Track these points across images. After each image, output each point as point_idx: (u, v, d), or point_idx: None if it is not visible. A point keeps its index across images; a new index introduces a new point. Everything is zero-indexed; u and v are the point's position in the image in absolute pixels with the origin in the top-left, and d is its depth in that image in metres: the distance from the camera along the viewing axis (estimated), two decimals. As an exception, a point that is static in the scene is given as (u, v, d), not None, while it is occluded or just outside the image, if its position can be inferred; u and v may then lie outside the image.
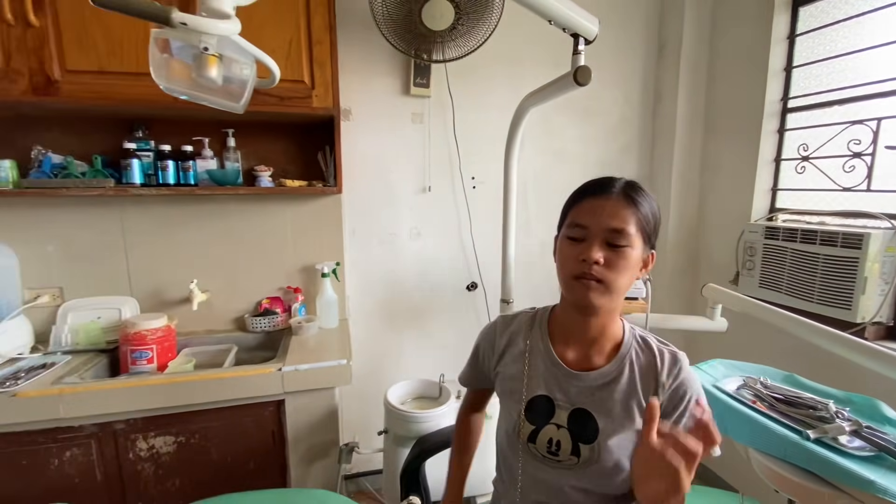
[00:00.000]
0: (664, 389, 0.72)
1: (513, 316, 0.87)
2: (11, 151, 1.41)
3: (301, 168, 1.68)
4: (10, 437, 1.18)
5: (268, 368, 1.31)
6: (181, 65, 0.56)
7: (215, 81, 0.55)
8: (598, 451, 0.71)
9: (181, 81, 0.55)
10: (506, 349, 0.82)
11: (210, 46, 0.52)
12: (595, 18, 0.91)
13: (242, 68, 0.55)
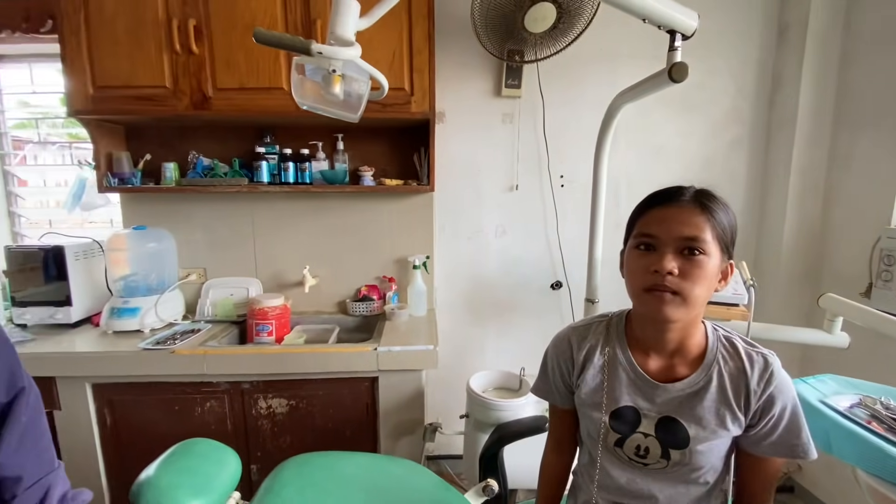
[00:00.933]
0: (755, 396, 0.69)
1: (585, 327, 0.85)
2: (173, 155, 1.75)
3: (398, 168, 1.83)
4: (169, 386, 1.47)
5: (365, 347, 1.46)
6: (312, 84, 0.68)
7: (338, 96, 0.66)
8: (689, 455, 0.71)
9: (312, 97, 0.67)
10: (585, 363, 0.81)
11: (337, 68, 0.63)
12: (694, 13, 0.88)
13: (360, 85, 0.65)
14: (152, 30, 1.44)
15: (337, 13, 0.64)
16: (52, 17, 1.66)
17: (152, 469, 0.87)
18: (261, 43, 0.58)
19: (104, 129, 1.64)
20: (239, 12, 1.44)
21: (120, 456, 1.51)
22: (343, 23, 0.64)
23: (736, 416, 0.70)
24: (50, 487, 0.74)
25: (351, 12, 0.64)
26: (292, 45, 0.58)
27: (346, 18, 0.64)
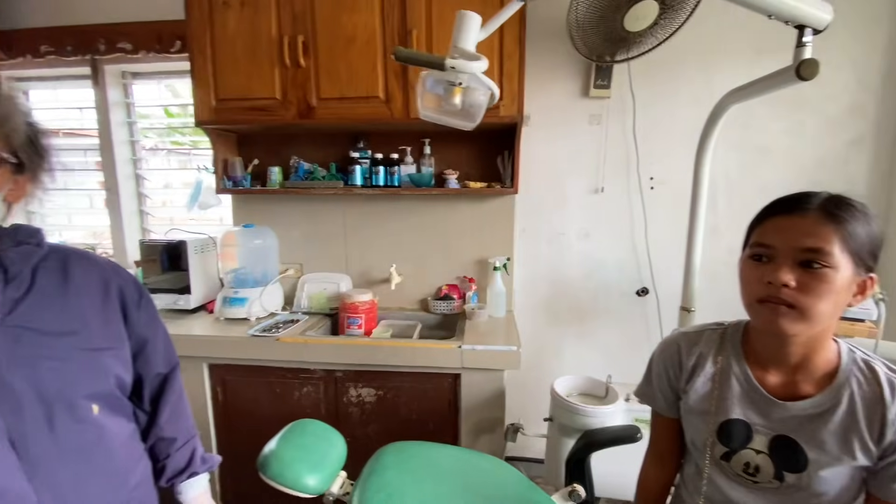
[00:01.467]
0: (892, 427, 0.63)
1: (696, 333, 0.82)
2: (277, 160, 1.92)
3: (481, 171, 1.86)
4: (272, 370, 1.61)
5: (450, 345, 1.51)
6: (432, 95, 0.73)
7: (457, 106, 0.70)
8: (807, 480, 0.66)
9: (432, 108, 0.72)
10: (695, 370, 0.78)
11: (463, 81, 0.68)
12: (828, 5, 0.81)
13: (479, 95, 0.69)
14: (266, 47, 1.59)
15: (461, 28, 0.68)
16: (180, 39, 1.89)
17: (274, 443, 0.97)
18: (400, 61, 0.63)
19: (222, 137, 1.83)
20: (342, 27, 1.54)
21: (228, 429, 1.68)
22: (466, 38, 0.68)
23: (866, 446, 0.64)
24: (195, 449, 0.86)
25: (474, 27, 0.68)
26: (428, 62, 0.63)
27: (469, 34, 0.68)
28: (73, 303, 0.69)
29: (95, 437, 0.68)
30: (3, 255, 0.64)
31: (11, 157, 0.62)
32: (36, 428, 0.61)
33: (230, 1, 1.58)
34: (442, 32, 1.51)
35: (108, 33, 1.93)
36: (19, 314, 0.63)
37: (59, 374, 0.64)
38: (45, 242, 0.71)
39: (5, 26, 1.98)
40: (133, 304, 0.78)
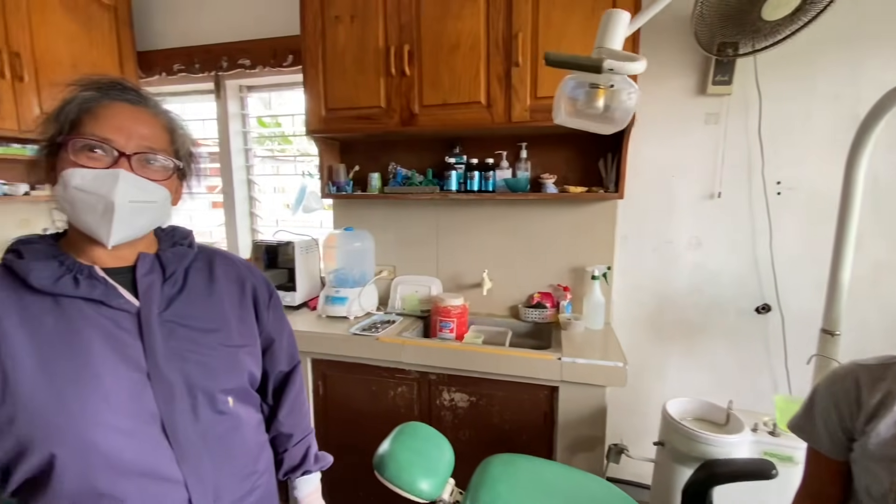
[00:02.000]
0: None
1: (881, 366, 0.71)
2: (376, 166, 1.99)
3: (579, 174, 1.79)
4: (370, 368, 1.67)
5: (548, 356, 1.46)
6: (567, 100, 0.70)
7: (599, 110, 0.67)
8: None
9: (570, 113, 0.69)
10: (879, 409, 0.68)
11: (615, 83, 0.64)
12: None
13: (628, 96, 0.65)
14: (373, 57, 1.65)
15: (609, 28, 0.64)
16: (292, 53, 2.03)
17: (388, 444, 0.99)
18: (551, 65, 0.61)
19: (328, 144, 1.94)
20: (446, 34, 1.56)
21: (326, 421, 1.77)
22: (614, 37, 0.64)
23: None
24: (309, 447, 0.90)
25: (622, 25, 0.64)
26: (583, 64, 0.60)
27: (618, 33, 0.64)
28: (216, 301, 0.74)
29: (232, 426, 0.71)
30: (162, 255, 0.70)
31: (180, 163, 0.69)
32: (184, 416, 0.64)
33: (341, 15, 1.66)
34: (549, 34, 1.47)
35: (230, 51, 2.12)
36: (173, 310, 0.68)
37: (203, 367, 0.68)
38: (195, 243, 0.77)
39: (144, 48, 2.26)
40: (264, 303, 0.83)
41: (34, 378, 0.56)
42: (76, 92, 0.62)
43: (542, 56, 1.47)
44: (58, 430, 0.56)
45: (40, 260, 0.61)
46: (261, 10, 2.08)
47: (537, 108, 1.52)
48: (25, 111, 1.77)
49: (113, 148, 0.60)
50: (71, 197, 0.59)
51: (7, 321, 0.57)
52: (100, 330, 0.60)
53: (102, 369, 0.59)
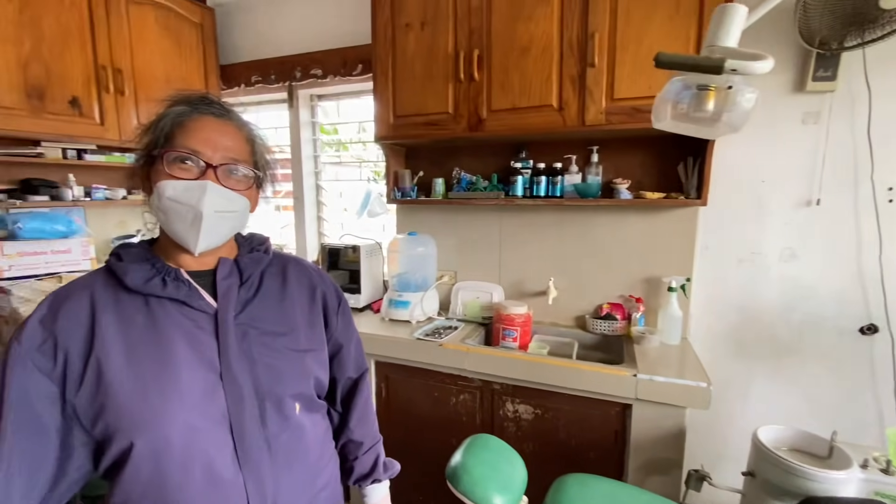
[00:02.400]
0: None
1: None
2: (440, 172, 1.99)
3: (655, 179, 1.69)
4: (433, 373, 1.66)
5: (622, 371, 1.38)
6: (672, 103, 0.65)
7: (708, 113, 0.61)
8: None
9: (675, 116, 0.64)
10: None
11: (733, 84, 0.59)
12: None
13: (746, 99, 0.59)
14: (442, 63, 1.66)
15: (724, 24, 0.58)
16: (362, 62, 2.08)
17: (461, 456, 0.97)
18: (663, 66, 0.57)
19: (394, 151, 1.97)
20: (517, 37, 1.53)
21: (388, 424, 1.78)
22: (729, 34, 0.58)
23: None
24: (379, 454, 0.88)
25: (739, 20, 0.58)
26: (703, 65, 0.55)
27: (735, 30, 0.58)
28: (287, 306, 0.75)
29: (297, 435, 0.71)
30: (240, 260, 0.73)
31: (259, 173, 0.71)
32: (252, 420, 0.65)
33: (412, 23, 1.68)
34: (628, 33, 1.40)
35: (303, 62, 2.22)
36: (247, 313, 0.70)
37: (272, 371, 0.69)
38: (270, 249, 0.80)
39: (226, 62, 2.41)
40: (333, 309, 0.84)
41: (123, 372, 0.60)
42: (169, 107, 0.67)
43: (620, 56, 1.41)
44: (138, 423, 0.59)
45: (136, 262, 0.66)
46: (333, 21, 2.16)
47: (614, 111, 1.45)
48: (125, 122, 1.94)
49: (201, 159, 0.63)
50: (164, 206, 0.63)
51: (104, 317, 0.62)
52: (181, 329, 0.64)
53: (181, 368, 0.62)
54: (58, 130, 1.73)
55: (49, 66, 1.68)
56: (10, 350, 0.59)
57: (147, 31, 2.00)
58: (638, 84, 1.42)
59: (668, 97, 0.64)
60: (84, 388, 0.59)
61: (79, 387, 0.59)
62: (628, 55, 1.41)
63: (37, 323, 0.60)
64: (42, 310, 0.62)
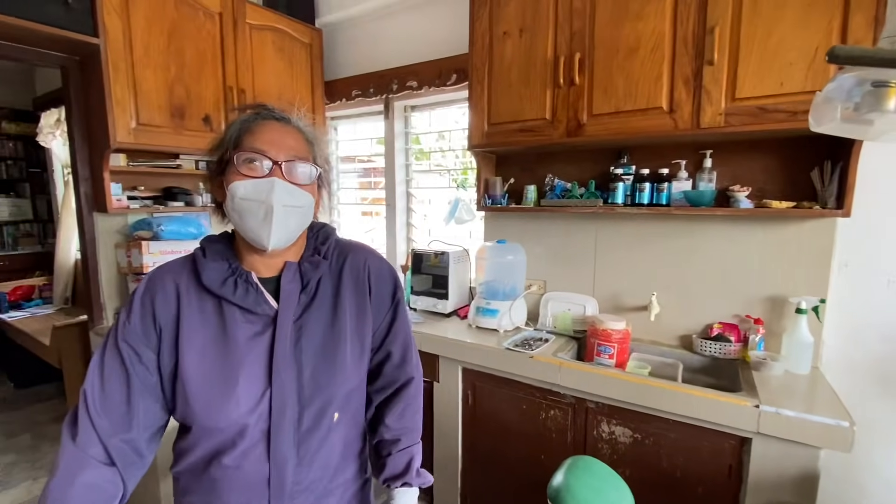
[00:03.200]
0: None
1: None
2: (532, 179, 1.95)
3: (781, 186, 1.50)
4: (521, 385, 1.62)
5: (741, 401, 1.23)
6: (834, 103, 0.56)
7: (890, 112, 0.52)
8: None
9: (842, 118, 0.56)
10: None
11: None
12: None
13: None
14: (540, 69, 1.63)
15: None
16: (456, 72, 2.12)
17: (562, 477, 0.93)
18: (837, 62, 0.50)
19: (485, 158, 1.97)
20: (623, 38, 1.46)
21: (472, 431, 1.77)
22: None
23: None
24: (412, 458, 0.86)
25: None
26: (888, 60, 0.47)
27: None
28: (339, 313, 0.77)
29: (326, 440, 0.76)
30: (303, 265, 0.76)
31: (320, 169, 0.74)
32: (289, 423, 0.71)
33: (510, 30, 1.68)
34: (756, 26, 1.26)
35: (400, 75, 2.31)
36: (304, 318, 0.74)
37: (316, 382, 0.73)
38: (331, 249, 0.80)
39: (329, 78, 2.59)
40: (383, 316, 0.84)
41: (194, 367, 0.68)
42: (236, 116, 0.73)
43: (744, 51, 1.28)
44: (198, 415, 0.68)
45: (215, 261, 0.72)
46: (429, 35, 2.22)
47: (735, 112, 1.31)
48: (246, 136, 2.15)
49: (267, 157, 0.67)
50: (238, 206, 0.68)
51: (188, 311, 0.70)
52: (245, 334, 0.70)
53: (241, 373, 0.69)
54: (193, 145, 1.97)
55: (189, 88, 1.93)
56: (121, 326, 0.70)
57: (265, 54, 2.22)
58: (765, 82, 1.27)
59: (835, 95, 0.55)
60: (168, 367, 0.70)
61: (166, 363, 0.70)
62: (754, 50, 1.27)
63: (139, 304, 0.70)
64: (141, 288, 0.72)
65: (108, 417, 0.66)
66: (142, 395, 0.68)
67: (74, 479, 0.62)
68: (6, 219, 4.65)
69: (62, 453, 0.64)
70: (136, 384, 0.68)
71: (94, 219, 1.94)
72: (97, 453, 0.65)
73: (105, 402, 0.67)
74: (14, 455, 2.46)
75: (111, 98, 1.69)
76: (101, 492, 0.64)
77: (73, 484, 0.62)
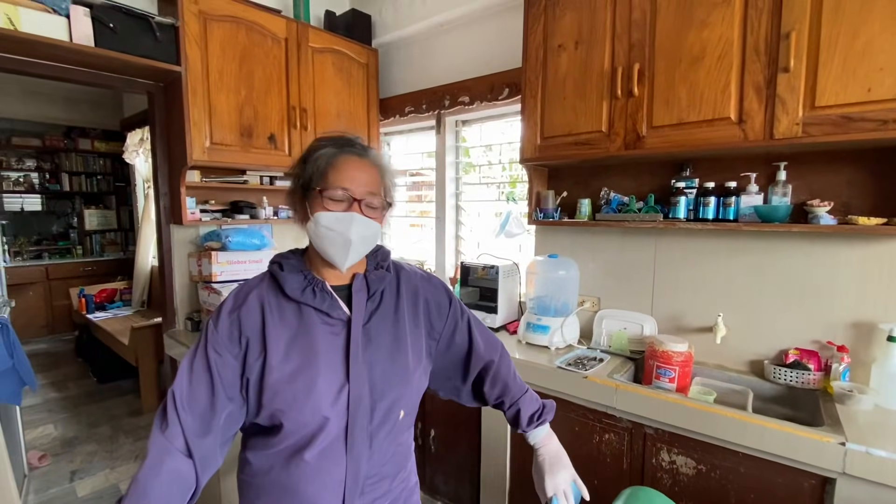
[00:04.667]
0: None
1: None
2: (586, 192, 1.90)
3: (870, 201, 1.37)
4: (574, 406, 1.56)
5: (823, 436, 1.12)
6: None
7: None
8: None
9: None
10: None
11: None
12: None
13: None
14: (596, 81, 1.59)
15: None
16: (508, 87, 2.12)
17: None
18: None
19: (537, 171, 1.95)
20: (686, 47, 1.40)
21: (522, 453, 1.72)
22: None
23: None
24: (534, 398, 1.01)
25: None
26: None
27: None
28: (399, 319, 0.86)
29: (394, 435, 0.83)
30: (368, 276, 0.85)
31: (389, 201, 0.84)
32: (363, 417, 0.77)
33: (565, 43, 1.66)
34: (840, 27, 1.17)
35: (452, 91, 2.35)
36: (371, 324, 0.82)
37: (385, 379, 0.80)
38: (391, 266, 0.90)
39: (384, 96, 2.68)
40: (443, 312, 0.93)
41: (281, 367, 0.75)
42: (320, 147, 0.80)
43: (824, 56, 1.20)
44: (286, 409, 0.74)
45: (293, 273, 0.80)
46: (480, 50, 2.25)
47: (814, 121, 1.22)
48: (306, 153, 2.27)
49: (349, 194, 0.77)
50: (320, 232, 0.77)
51: (271, 318, 0.78)
52: (323, 335, 0.78)
53: (321, 367, 0.75)
54: (259, 161, 2.10)
55: (256, 109, 2.06)
56: (209, 335, 0.77)
57: (326, 74, 2.33)
58: (850, 88, 1.17)
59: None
60: (254, 372, 0.75)
61: (251, 369, 0.75)
62: (837, 54, 1.18)
63: (226, 316, 0.78)
64: (229, 304, 0.79)
65: (192, 415, 0.72)
66: (223, 398, 0.74)
67: (162, 465, 0.69)
68: (95, 227, 5.16)
69: (152, 441, 0.71)
70: (220, 388, 0.74)
71: (171, 230, 2.11)
72: (180, 445, 0.71)
73: (191, 401, 0.73)
74: (95, 445, 2.69)
75: (189, 120, 1.84)
76: (183, 480, 0.71)
77: (160, 468, 0.69)
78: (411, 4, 2.45)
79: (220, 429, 0.75)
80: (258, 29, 2.03)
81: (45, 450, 2.58)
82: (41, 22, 1.54)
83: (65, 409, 3.15)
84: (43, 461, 2.45)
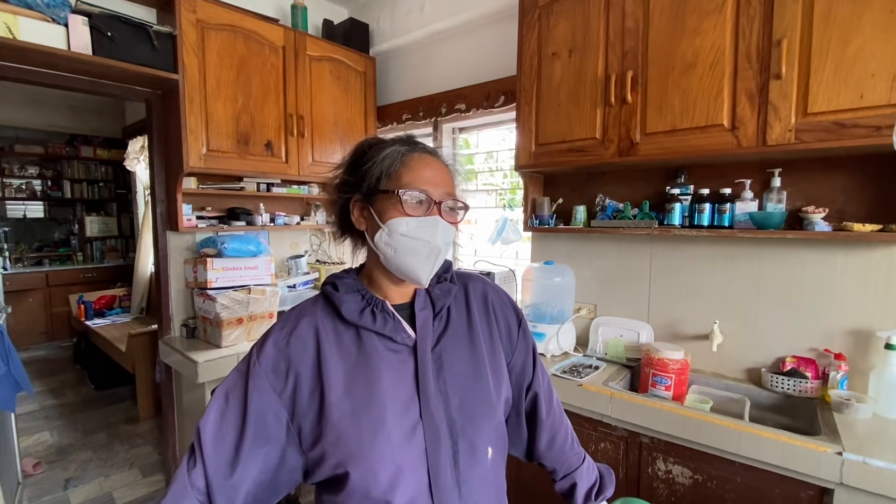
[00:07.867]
0: None
1: None
2: (581, 199, 1.90)
3: (865, 207, 1.36)
4: (570, 415, 1.48)
5: (820, 446, 1.10)
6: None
7: None
8: None
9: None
10: None
11: None
12: None
13: None
14: (590, 89, 1.60)
15: None
16: (503, 94, 2.13)
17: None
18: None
19: (533, 178, 1.95)
20: (679, 54, 1.40)
21: (516, 460, 1.70)
22: None
23: None
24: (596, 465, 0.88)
25: None
26: None
27: None
28: (474, 337, 0.74)
29: (485, 477, 0.70)
30: (432, 290, 0.73)
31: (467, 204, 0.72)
32: (446, 460, 0.65)
33: (559, 51, 1.66)
34: (830, 34, 1.17)
35: (448, 98, 2.36)
36: (441, 346, 0.70)
37: (465, 412, 0.68)
38: (454, 277, 0.78)
39: (381, 103, 2.69)
40: (510, 337, 0.80)
41: (341, 404, 0.63)
42: (385, 146, 0.69)
43: (816, 63, 1.20)
44: (353, 456, 0.62)
45: (349, 293, 0.69)
46: (476, 59, 2.26)
47: (807, 128, 1.21)
48: (303, 160, 2.28)
49: (430, 198, 0.66)
50: (396, 242, 0.65)
51: (328, 347, 0.66)
52: (387, 363, 0.66)
53: (387, 402, 0.64)
54: (256, 168, 2.11)
55: (253, 116, 2.07)
56: (251, 366, 0.65)
57: (323, 82, 2.35)
58: (842, 94, 1.17)
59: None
60: (310, 413, 0.64)
61: (306, 410, 0.64)
62: (829, 61, 1.18)
63: (272, 345, 0.65)
64: (275, 333, 0.67)
65: (218, 456, 0.62)
66: (256, 442, 0.63)
67: None
68: (96, 234, 5.18)
69: (174, 478, 0.62)
70: (250, 431, 0.62)
71: (168, 237, 2.12)
72: (200, 486, 0.61)
73: (216, 442, 0.63)
74: (90, 452, 2.67)
75: (186, 127, 1.85)
76: None
77: None
78: (409, 14, 2.47)
79: (248, 477, 0.63)
80: (256, 38, 2.05)
81: (40, 457, 2.57)
82: (40, 31, 1.56)
83: (61, 417, 3.14)
84: (37, 469, 2.44)
